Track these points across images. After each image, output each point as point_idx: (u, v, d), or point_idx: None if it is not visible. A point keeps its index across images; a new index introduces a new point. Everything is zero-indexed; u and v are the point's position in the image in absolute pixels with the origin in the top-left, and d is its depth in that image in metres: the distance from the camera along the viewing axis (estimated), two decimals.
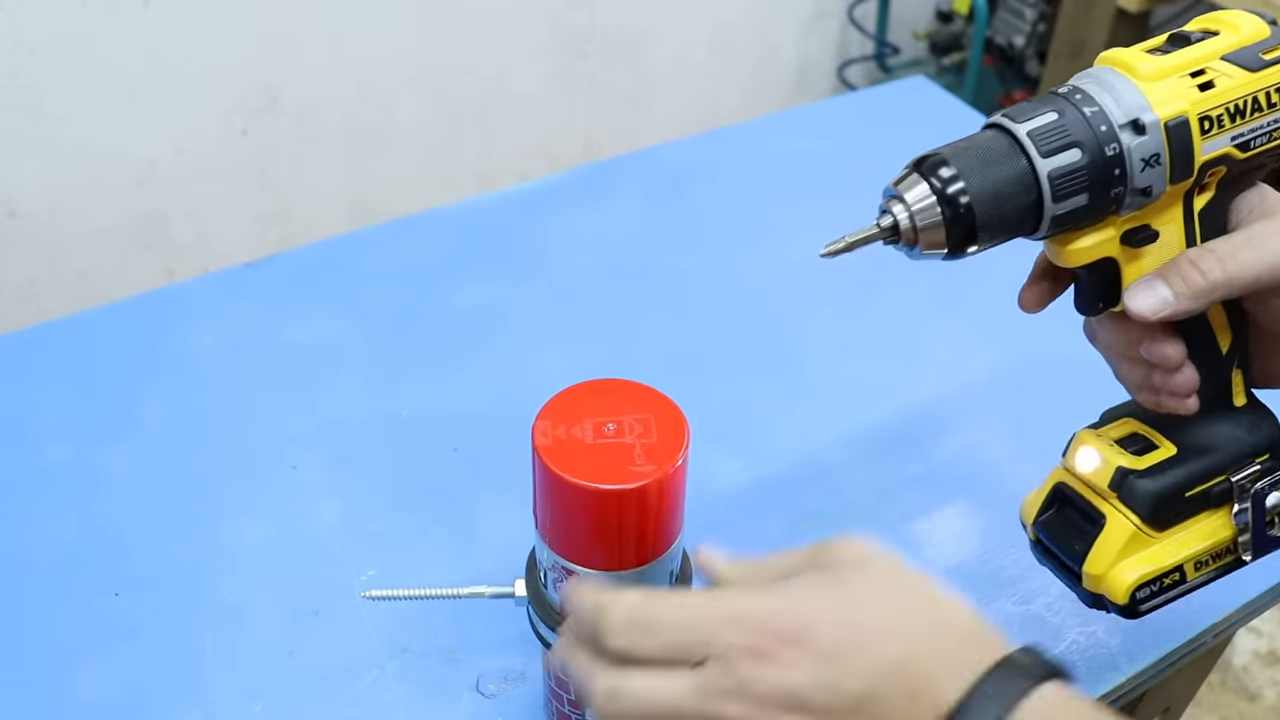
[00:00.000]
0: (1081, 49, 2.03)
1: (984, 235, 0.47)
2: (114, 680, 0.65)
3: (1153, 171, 0.46)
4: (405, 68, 1.89)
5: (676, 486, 0.51)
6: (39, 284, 1.76)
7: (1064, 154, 0.45)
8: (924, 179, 0.47)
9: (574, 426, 0.50)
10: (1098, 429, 0.57)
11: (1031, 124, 0.46)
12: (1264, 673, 1.63)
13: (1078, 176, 0.45)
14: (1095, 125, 0.46)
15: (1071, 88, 0.47)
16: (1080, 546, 0.54)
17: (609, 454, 0.49)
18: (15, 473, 0.78)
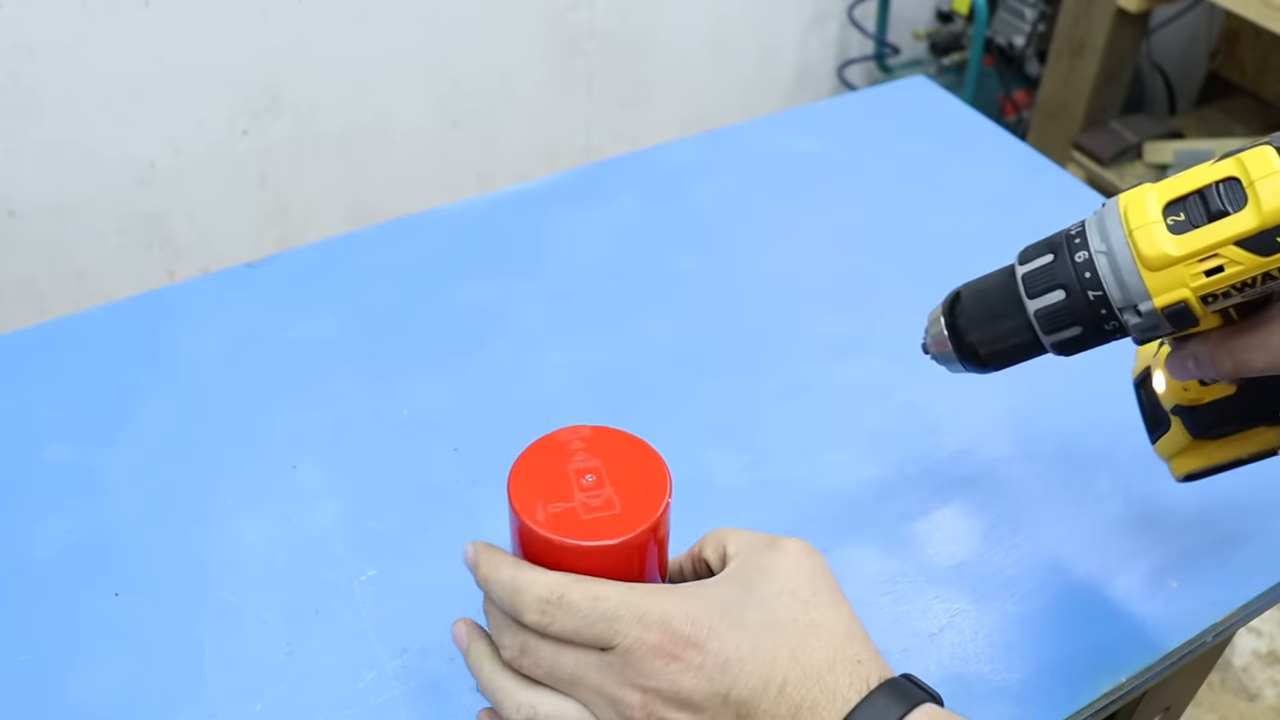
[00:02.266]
0: (1081, 49, 2.03)
1: (993, 361, 0.55)
2: (114, 680, 0.65)
3: (1153, 332, 0.49)
4: (405, 68, 1.89)
5: (659, 536, 0.49)
6: (39, 284, 1.76)
7: (1049, 295, 0.50)
8: (944, 314, 0.57)
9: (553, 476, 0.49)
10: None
11: (1029, 266, 0.52)
12: (1264, 673, 1.63)
13: (1062, 315, 0.50)
14: (1081, 273, 0.49)
15: (1077, 232, 0.50)
16: (1153, 430, 0.62)
17: (588, 507, 0.47)
18: (15, 473, 0.78)
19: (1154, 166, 2.05)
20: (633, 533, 0.46)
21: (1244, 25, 2.23)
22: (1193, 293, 0.46)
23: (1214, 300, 0.47)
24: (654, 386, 0.85)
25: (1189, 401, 0.58)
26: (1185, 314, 0.47)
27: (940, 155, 1.09)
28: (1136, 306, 0.48)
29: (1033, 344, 0.53)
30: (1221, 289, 0.46)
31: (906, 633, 0.68)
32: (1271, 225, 0.44)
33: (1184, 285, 0.46)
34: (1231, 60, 2.35)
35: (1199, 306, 0.47)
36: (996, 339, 0.54)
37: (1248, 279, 0.45)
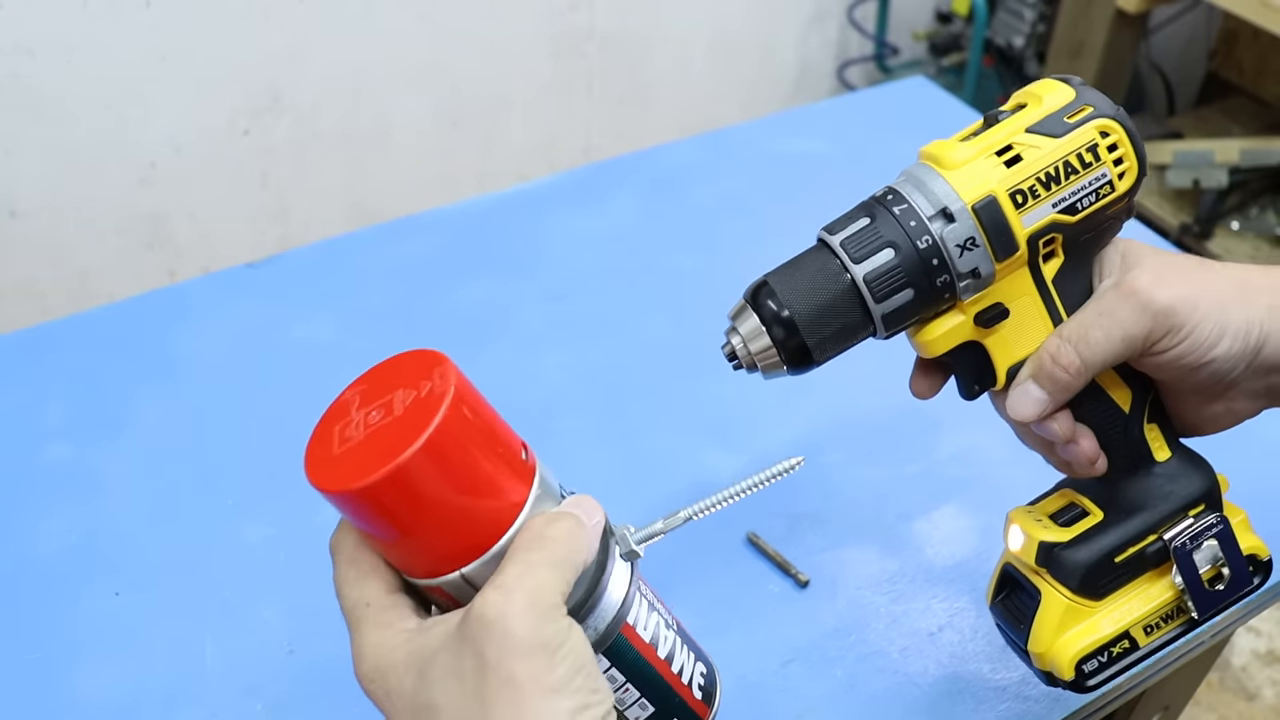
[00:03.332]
0: (1081, 49, 2.03)
1: (819, 349, 0.48)
2: (115, 679, 0.65)
3: (973, 254, 0.47)
4: (406, 69, 1.89)
5: (450, 455, 0.40)
6: (40, 284, 1.76)
7: (877, 256, 0.47)
8: (754, 309, 0.49)
9: (344, 428, 0.42)
10: (1034, 504, 0.56)
11: (844, 233, 0.48)
12: (1262, 672, 1.63)
13: (895, 274, 0.47)
14: (905, 222, 0.47)
15: (885, 189, 0.49)
16: (1025, 626, 0.53)
17: (376, 444, 0.40)
18: (15, 473, 0.78)
19: (1153, 167, 2.05)
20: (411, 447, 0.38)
21: (1243, 26, 2.24)
22: (999, 185, 0.46)
23: (1024, 200, 0.46)
24: (653, 386, 0.85)
25: (1054, 540, 0.52)
26: (996, 213, 0.46)
27: None
28: (947, 210, 0.46)
29: (860, 322, 0.48)
30: (1027, 182, 0.46)
31: (906, 632, 0.68)
32: (1057, 109, 0.47)
33: (987, 179, 0.46)
34: (1230, 61, 2.36)
35: (1009, 206, 0.46)
36: (821, 320, 0.47)
37: (1050, 170, 0.46)
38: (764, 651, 0.67)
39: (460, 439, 0.40)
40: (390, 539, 0.42)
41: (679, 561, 0.72)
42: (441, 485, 0.40)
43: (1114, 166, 0.47)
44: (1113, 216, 0.49)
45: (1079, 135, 0.47)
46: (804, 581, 0.70)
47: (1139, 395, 0.51)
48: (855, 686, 0.65)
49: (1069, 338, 0.48)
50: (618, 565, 0.45)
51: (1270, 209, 1.99)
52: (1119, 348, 0.48)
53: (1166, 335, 0.47)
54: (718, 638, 0.67)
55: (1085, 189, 0.47)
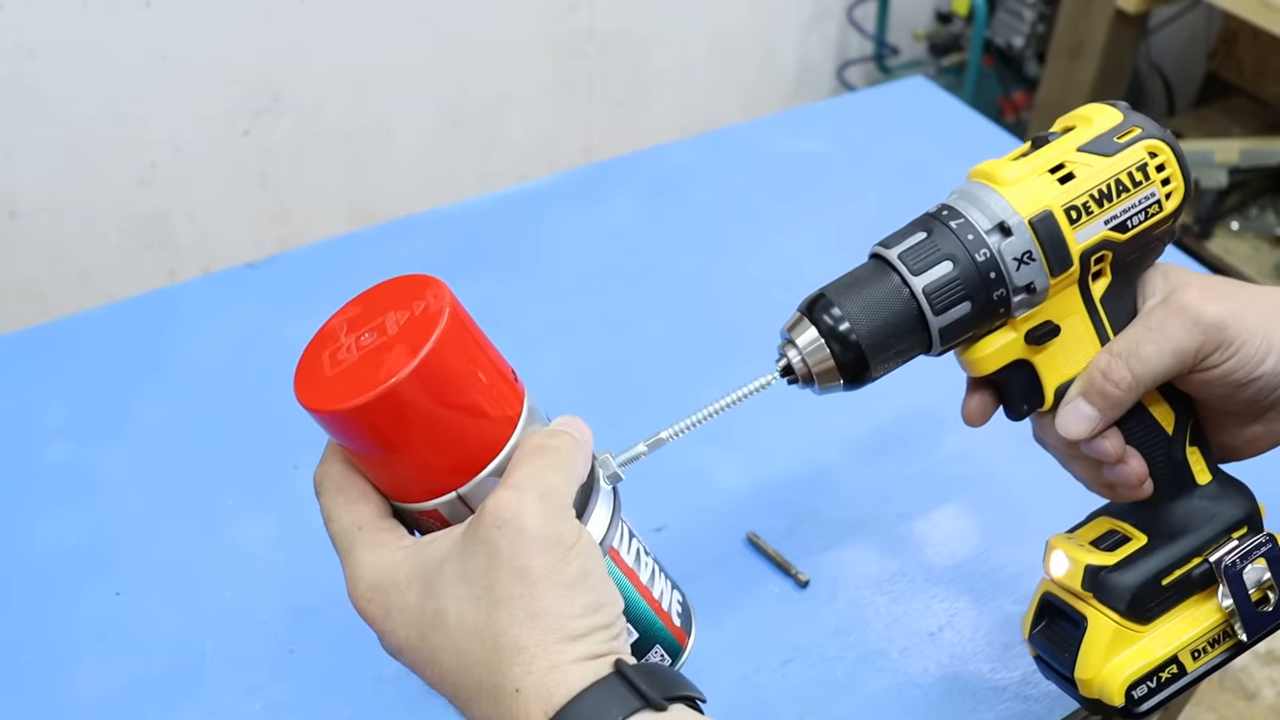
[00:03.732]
0: (1081, 49, 2.03)
1: (876, 362, 0.49)
2: (114, 680, 0.65)
3: (1029, 268, 0.48)
4: (406, 69, 1.89)
5: (450, 369, 0.40)
6: (40, 284, 1.76)
7: (936, 268, 0.48)
8: (812, 322, 0.49)
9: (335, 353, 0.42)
10: (1072, 531, 0.56)
11: (901, 247, 0.49)
12: (1262, 672, 1.63)
13: (954, 287, 0.47)
14: (963, 236, 0.48)
15: (940, 206, 0.50)
16: (1070, 654, 0.53)
17: (369, 365, 0.39)
18: (15, 473, 0.78)
19: None
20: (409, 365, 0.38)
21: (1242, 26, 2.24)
22: (1055, 200, 0.47)
23: (1078, 216, 0.47)
24: (653, 386, 0.85)
25: (1101, 563, 0.52)
26: (1053, 228, 0.47)
27: (940, 155, 1.10)
28: (1005, 224, 0.47)
29: (918, 335, 0.48)
30: (1081, 199, 0.47)
31: (906, 632, 0.68)
32: (1107, 129, 0.48)
33: (1043, 195, 0.47)
34: (1230, 61, 2.36)
35: (1065, 221, 0.47)
36: (880, 332, 0.47)
37: (1103, 188, 0.47)
38: (764, 651, 0.67)
39: (458, 355, 0.40)
40: (386, 459, 0.41)
41: (679, 561, 0.72)
42: (440, 401, 0.39)
43: (1162, 186, 0.49)
44: (1158, 237, 0.50)
45: (1129, 154, 0.48)
46: (804, 581, 0.70)
47: (1182, 417, 0.52)
48: (855, 686, 0.65)
49: (1120, 353, 0.49)
50: (602, 488, 0.46)
51: (1270, 209, 1.99)
52: (1170, 362, 0.48)
53: (1217, 350, 0.48)
54: (718, 638, 0.68)
55: (1135, 207, 0.48)
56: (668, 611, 0.49)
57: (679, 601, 0.50)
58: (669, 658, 0.49)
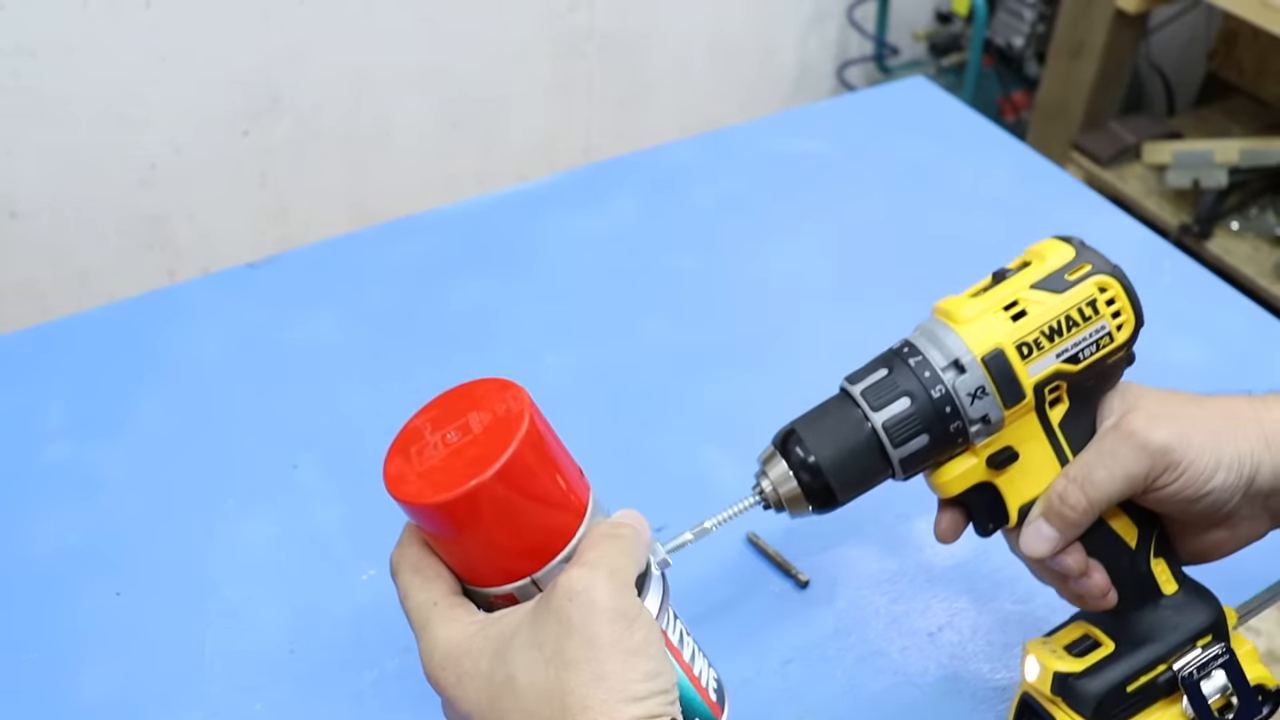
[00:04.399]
0: (1081, 49, 2.03)
1: (842, 491, 0.52)
2: (114, 680, 0.65)
3: (983, 402, 0.50)
4: (405, 69, 1.89)
5: (532, 467, 0.44)
6: (40, 284, 1.76)
7: (895, 405, 0.50)
8: (783, 455, 0.53)
9: (421, 455, 0.46)
10: (1050, 635, 0.58)
11: (864, 384, 0.52)
12: None
13: (911, 421, 0.50)
14: (920, 373, 0.51)
15: (903, 342, 0.53)
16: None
17: (456, 461, 0.44)
18: (15, 473, 0.78)
19: (1153, 167, 2.05)
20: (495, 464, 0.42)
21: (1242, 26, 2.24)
22: (1006, 338, 0.50)
23: (1030, 352, 0.50)
24: (653, 386, 0.85)
25: (1068, 670, 0.54)
26: (1004, 364, 0.50)
27: (940, 155, 1.10)
28: (959, 362, 0.50)
29: (880, 465, 0.52)
30: (1032, 335, 0.50)
31: (906, 632, 0.68)
32: (1059, 267, 0.51)
33: (996, 333, 0.50)
34: (1230, 61, 2.35)
35: (1016, 357, 0.50)
36: (844, 465, 0.51)
37: (1053, 324, 0.50)
38: (764, 651, 0.67)
39: (536, 457, 0.44)
40: (469, 548, 0.45)
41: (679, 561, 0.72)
42: (521, 497, 0.44)
43: (1112, 319, 0.51)
44: (1113, 365, 0.52)
45: (1079, 291, 0.51)
46: (804, 581, 0.71)
47: (1145, 531, 0.54)
48: (855, 686, 0.65)
49: (1075, 478, 0.51)
50: (654, 574, 0.50)
51: (1270, 209, 1.99)
52: (1122, 486, 0.51)
53: (1165, 471, 0.50)
54: (718, 638, 0.67)
55: (1086, 340, 0.51)
56: (705, 688, 0.52)
57: (714, 679, 0.54)
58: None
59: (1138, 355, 0.54)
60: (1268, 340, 0.89)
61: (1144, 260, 0.97)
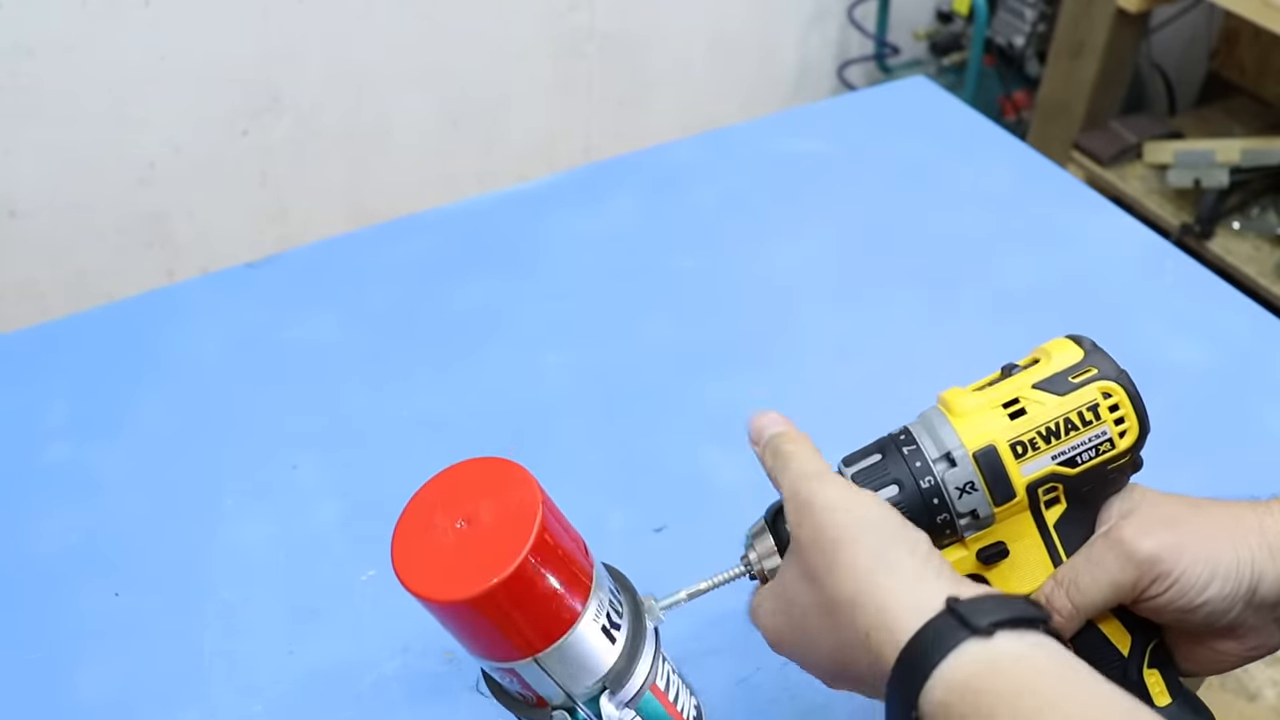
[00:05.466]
0: (1081, 49, 2.03)
1: None
2: (114, 680, 0.65)
3: (972, 497, 0.49)
4: (405, 68, 1.89)
5: (545, 555, 0.46)
6: (39, 284, 1.76)
7: (883, 491, 0.50)
8: (772, 533, 0.53)
9: (429, 537, 0.47)
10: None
11: (856, 467, 0.52)
12: (1264, 673, 1.63)
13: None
14: (911, 462, 0.50)
15: (901, 429, 0.52)
16: None
17: (469, 554, 0.45)
18: (15, 473, 0.78)
19: (1154, 166, 2.05)
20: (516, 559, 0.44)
21: (1244, 25, 2.23)
22: (1001, 435, 0.49)
23: (1024, 451, 0.49)
24: (653, 386, 0.85)
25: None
26: (995, 462, 0.49)
27: (940, 155, 1.09)
28: (951, 455, 0.49)
29: None
30: (1028, 435, 0.49)
31: None
32: (1064, 369, 0.50)
33: (991, 430, 0.49)
34: (1231, 60, 2.35)
35: (1009, 455, 0.49)
36: None
37: (1051, 426, 0.49)
38: (764, 652, 0.67)
39: (551, 548, 0.46)
40: (479, 634, 0.47)
41: (679, 561, 0.72)
42: (536, 589, 0.45)
43: (1115, 426, 0.50)
44: (1114, 471, 0.51)
45: (1081, 395, 0.50)
46: None
47: (1139, 639, 0.52)
48: None
49: (1061, 581, 0.50)
50: (648, 629, 0.53)
51: (1271, 209, 1.99)
52: (1108, 594, 0.49)
53: (1155, 582, 0.49)
54: (718, 638, 0.67)
55: (1085, 444, 0.50)
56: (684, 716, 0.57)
57: (695, 705, 0.58)
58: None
59: (1139, 356, 0.53)
60: (1269, 340, 0.89)
61: (1145, 260, 0.96)
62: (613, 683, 0.50)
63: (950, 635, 0.40)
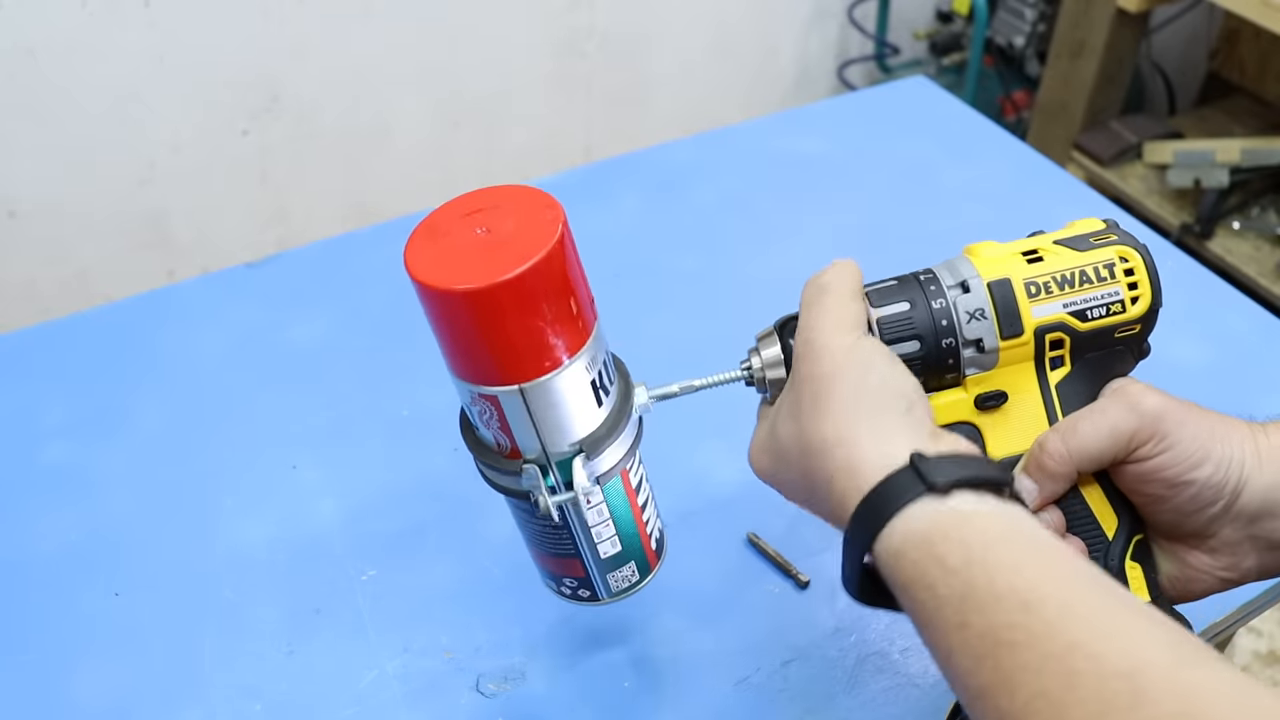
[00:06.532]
0: (1081, 49, 2.03)
1: None
2: (114, 680, 0.65)
3: (980, 324, 0.50)
4: (405, 68, 1.89)
5: (555, 273, 0.46)
6: (39, 284, 1.76)
7: (894, 305, 0.51)
8: (780, 340, 0.53)
9: (446, 238, 0.48)
10: None
11: (872, 287, 0.53)
12: (1264, 673, 1.62)
13: (906, 322, 0.51)
14: (926, 286, 0.52)
15: (923, 269, 0.53)
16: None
17: (483, 256, 0.46)
18: (15, 473, 0.78)
19: (1154, 166, 2.05)
20: (531, 258, 0.44)
21: (1244, 25, 2.23)
22: (1016, 274, 0.50)
23: (1037, 292, 0.50)
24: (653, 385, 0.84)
25: None
26: (1008, 294, 0.50)
27: (940, 155, 1.09)
28: (966, 283, 0.51)
29: None
30: (1043, 278, 0.50)
31: (906, 632, 0.68)
32: (1086, 232, 0.52)
33: (1008, 267, 0.51)
34: (1231, 60, 2.35)
35: (1022, 292, 0.50)
36: None
37: (1066, 273, 0.50)
38: (764, 652, 0.67)
39: (567, 267, 0.47)
40: (470, 342, 0.46)
41: (679, 561, 0.72)
42: (541, 302, 0.45)
43: (1128, 290, 0.51)
44: (1122, 342, 0.51)
45: (1099, 253, 0.51)
46: (804, 582, 0.70)
47: (1125, 526, 0.52)
48: (855, 687, 0.65)
49: (1058, 428, 0.51)
50: (634, 414, 0.54)
51: (1271, 209, 1.99)
52: (1105, 441, 0.49)
53: (1152, 440, 0.49)
54: (718, 638, 0.67)
55: (1096, 300, 0.50)
56: (649, 536, 0.57)
57: (659, 529, 0.58)
58: (639, 574, 0.57)
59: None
60: (1269, 340, 0.89)
61: None
62: (590, 447, 0.50)
63: (909, 489, 0.42)
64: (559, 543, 0.54)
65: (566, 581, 0.57)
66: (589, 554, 0.55)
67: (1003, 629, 0.37)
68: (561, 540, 0.54)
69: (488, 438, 0.52)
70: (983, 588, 0.38)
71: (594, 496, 0.52)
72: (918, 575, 0.40)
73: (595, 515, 0.53)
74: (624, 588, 0.57)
